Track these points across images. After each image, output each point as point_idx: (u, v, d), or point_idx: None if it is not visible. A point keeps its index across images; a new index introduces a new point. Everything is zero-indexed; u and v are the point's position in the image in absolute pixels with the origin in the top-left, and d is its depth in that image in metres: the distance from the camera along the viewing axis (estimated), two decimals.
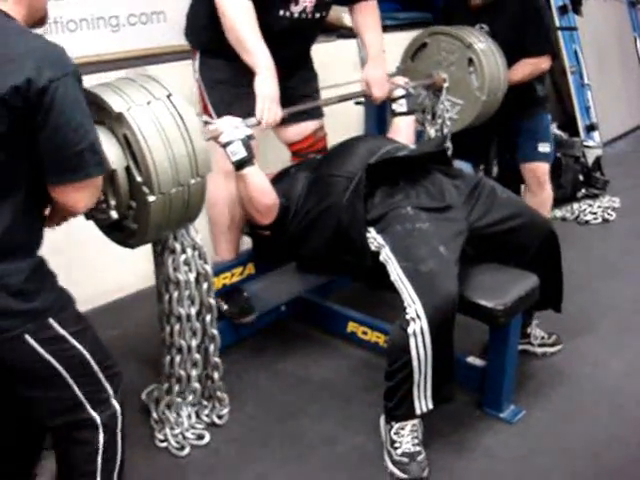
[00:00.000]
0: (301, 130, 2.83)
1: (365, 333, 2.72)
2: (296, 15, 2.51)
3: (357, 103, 3.81)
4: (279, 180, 2.51)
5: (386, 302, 2.51)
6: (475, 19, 3.21)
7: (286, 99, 2.50)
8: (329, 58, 2.97)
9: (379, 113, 3.74)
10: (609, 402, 2.49)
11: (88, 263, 2.78)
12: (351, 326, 2.77)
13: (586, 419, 2.41)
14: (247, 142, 2.23)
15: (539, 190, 3.46)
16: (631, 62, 5.89)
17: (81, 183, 1.49)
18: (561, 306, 2.60)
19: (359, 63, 3.95)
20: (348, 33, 3.89)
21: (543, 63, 3.25)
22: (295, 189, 2.46)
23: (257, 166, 2.31)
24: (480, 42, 3.07)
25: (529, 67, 3.22)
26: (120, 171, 1.79)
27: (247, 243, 2.90)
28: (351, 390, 2.57)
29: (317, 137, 2.90)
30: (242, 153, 2.22)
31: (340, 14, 3.75)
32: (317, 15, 2.58)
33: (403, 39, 4.15)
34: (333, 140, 3.03)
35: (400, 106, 2.85)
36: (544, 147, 3.39)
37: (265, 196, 2.37)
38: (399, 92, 2.84)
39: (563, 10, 4.75)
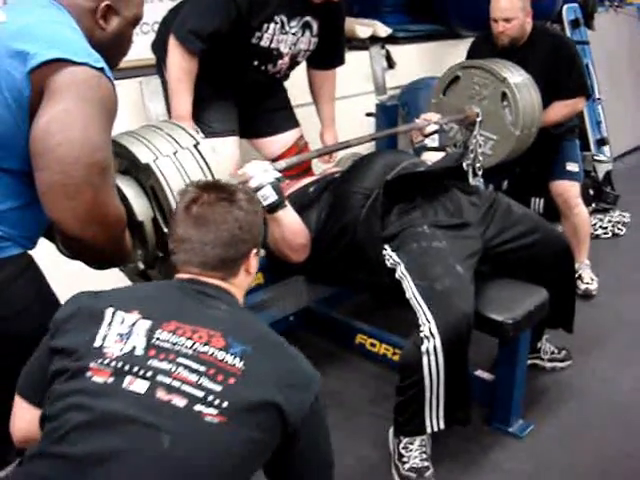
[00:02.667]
0: (284, 142, 2.86)
1: (373, 345, 2.72)
2: (270, 72, 2.67)
3: (368, 114, 3.84)
4: (301, 208, 2.40)
5: (395, 314, 2.51)
6: None
7: (257, 117, 2.78)
8: (341, 69, 2.97)
9: (390, 125, 3.76)
10: (618, 417, 2.48)
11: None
12: (359, 338, 2.76)
13: (595, 434, 2.39)
14: (277, 185, 2.16)
15: (570, 214, 3.38)
16: None
17: None
18: (572, 326, 2.59)
19: (371, 74, 3.97)
20: (360, 45, 3.91)
21: (579, 104, 3.27)
22: (315, 214, 2.41)
23: (289, 207, 2.25)
24: (514, 76, 2.99)
25: (566, 109, 3.21)
26: (147, 223, 1.75)
27: None
28: (359, 402, 2.56)
29: (300, 146, 2.92)
30: (273, 197, 2.14)
31: (354, 26, 3.76)
32: (288, 71, 2.79)
33: (414, 51, 4.19)
34: (345, 151, 3.03)
35: (432, 141, 2.81)
36: (572, 166, 3.35)
37: (299, 236, 2.31)
38: (431, 127, 2.79)
39: (575, 24, 4.75)
